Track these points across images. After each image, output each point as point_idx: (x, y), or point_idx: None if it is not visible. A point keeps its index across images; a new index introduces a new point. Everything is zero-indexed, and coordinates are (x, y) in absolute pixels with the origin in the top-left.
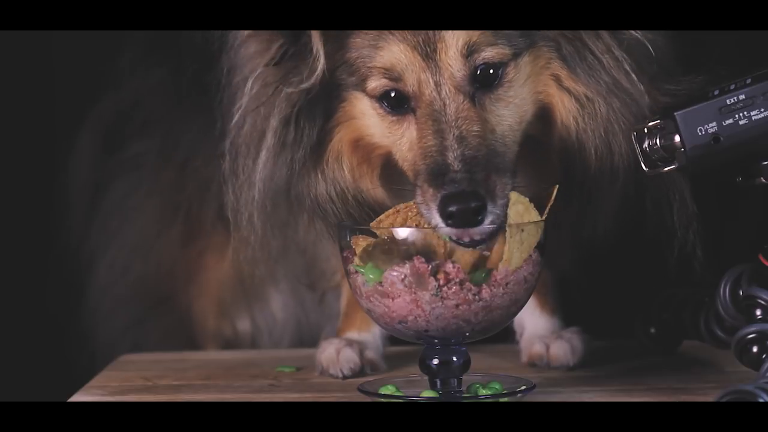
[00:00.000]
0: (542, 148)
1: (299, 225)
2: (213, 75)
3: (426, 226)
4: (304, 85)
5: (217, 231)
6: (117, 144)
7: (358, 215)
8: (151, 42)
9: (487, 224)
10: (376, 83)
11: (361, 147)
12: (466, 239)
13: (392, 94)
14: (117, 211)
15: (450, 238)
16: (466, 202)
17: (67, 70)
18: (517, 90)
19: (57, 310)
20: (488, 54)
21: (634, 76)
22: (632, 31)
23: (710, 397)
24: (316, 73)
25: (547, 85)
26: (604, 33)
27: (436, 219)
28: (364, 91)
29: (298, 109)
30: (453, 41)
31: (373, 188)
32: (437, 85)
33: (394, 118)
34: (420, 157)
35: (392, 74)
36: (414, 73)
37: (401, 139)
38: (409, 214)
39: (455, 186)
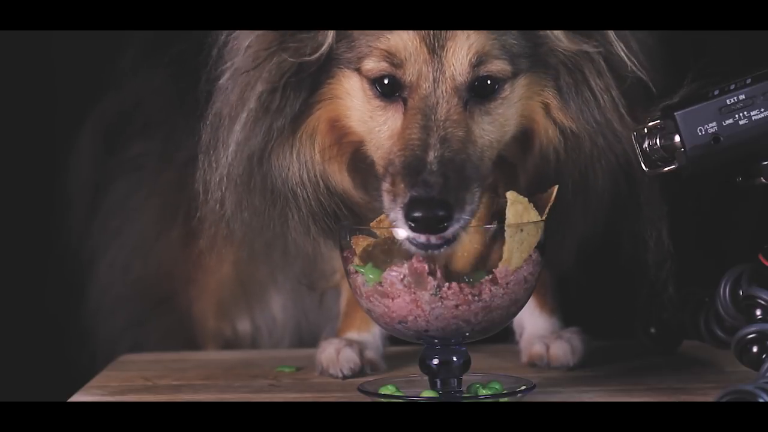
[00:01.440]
0: (515, 173)
1: (273, 216)
2: (205, 54)
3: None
4: (307, 58)
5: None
6: (118, 144)
7: (328, 204)
8: (153, 43)
9: (450, 232)
10: (374, 65)
11: (336, 128)
12: (422, 240)
13: (386, 80)
14: (118, 211)
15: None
16: (432, 211)
17: (68, 71)
18: (506, 109)
19: (57, 310)
20: (494, 67)
21: (628, 119)
22: (636, 71)
23: (710, 397)
24: (322, 49)
25: (534, 111)
26: (605, 71)
27: (398, 216)
28: (358, 69)
29: (288, 77)
30: (464, 45)
31: (341, 175)
32: (436, 81)
33: (381, 103)
34: (399, 147)
35: (394, 59)
36: (416, 64)
37: (382, 126)
38: None
39: (426, 190)
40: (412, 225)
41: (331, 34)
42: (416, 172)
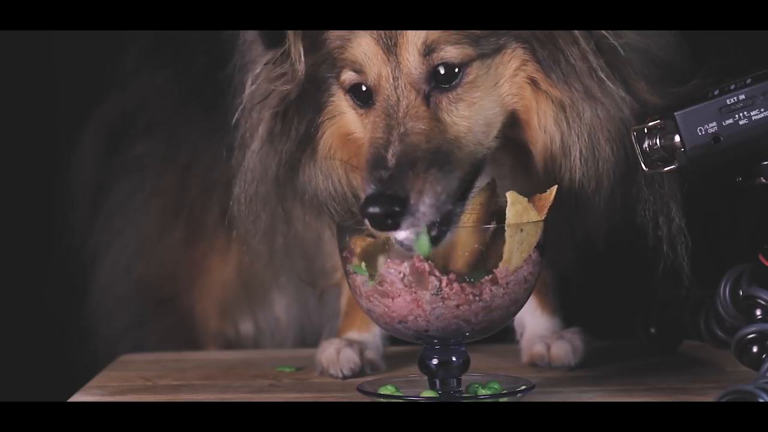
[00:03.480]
0: (525, 153)
1: (302, 219)
2: (225, 72)
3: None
4: (287, 87)
5: (220, 233)
6: (120, 145)
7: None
8: (155, 44)
9: (405, 228)
10: (345, 76)
11: (351, 142)
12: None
13: (363, 88)
14: (120, 211)
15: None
16: (384, 206)
17: (70, 71)
18: (486, 91)
19: (58, 310)
20: (448, 54)
21: (609, 83)
22: (603, 32)
23: (710, 397)
24: (299, 77)
25: (521, 87)
26: (581, 39)
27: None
28: (339, 84)
29: (288, 102)
30: (414, 38)
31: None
32: (395, 79)
33: (362, 111)
34: (368, 147)
35: (355, 66)
36: (375, 67)
37: (366, 133)
38: None
39: (381, 187)
40: (369, 222)
41: (302, 60)
42: (375, 169)
